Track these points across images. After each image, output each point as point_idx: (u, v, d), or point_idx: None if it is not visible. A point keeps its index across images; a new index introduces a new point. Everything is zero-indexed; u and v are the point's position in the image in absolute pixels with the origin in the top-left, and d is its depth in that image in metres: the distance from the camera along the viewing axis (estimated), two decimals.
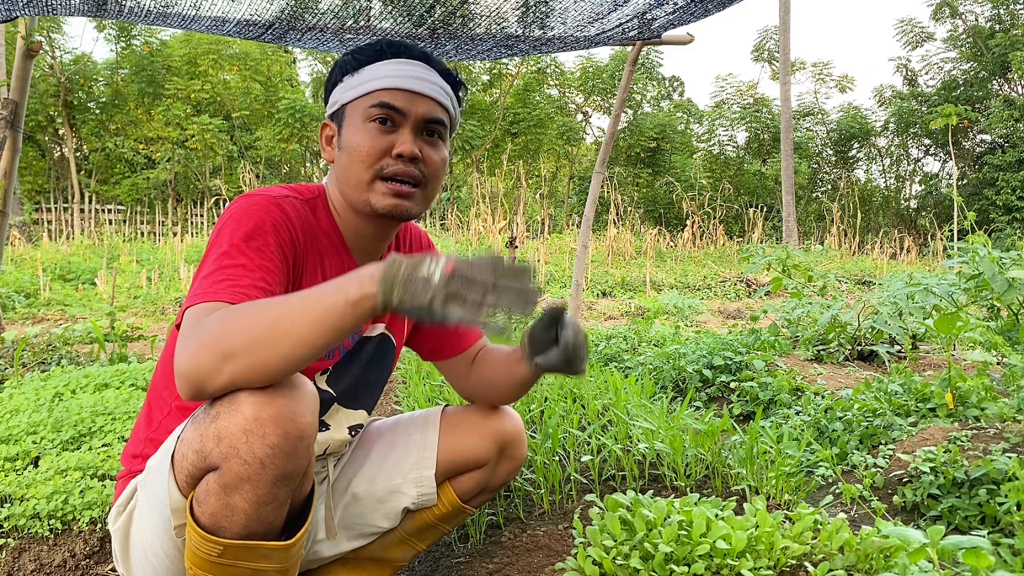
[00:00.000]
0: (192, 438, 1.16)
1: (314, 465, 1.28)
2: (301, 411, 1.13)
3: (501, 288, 1.05)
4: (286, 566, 1.25)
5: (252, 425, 1.10)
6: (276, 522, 1.19)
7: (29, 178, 18.24)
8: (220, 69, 18.16)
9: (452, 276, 1.05)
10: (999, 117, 17.75)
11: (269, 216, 1.31)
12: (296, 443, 1.13)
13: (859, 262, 14.21)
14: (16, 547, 2.02)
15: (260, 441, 1.10)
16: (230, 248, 1.25)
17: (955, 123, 7.58)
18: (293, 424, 1.12)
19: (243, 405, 1.10)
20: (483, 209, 14.86)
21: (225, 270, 1.22)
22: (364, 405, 1.58)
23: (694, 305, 7.44)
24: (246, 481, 1.12)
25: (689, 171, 20.03)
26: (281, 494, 1.16)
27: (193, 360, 1.09)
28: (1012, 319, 3.72)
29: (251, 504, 1.14)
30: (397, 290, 1.05)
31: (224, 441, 1.11)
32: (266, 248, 1.27)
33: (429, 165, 1.39)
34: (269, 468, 1.11)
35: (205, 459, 1.14)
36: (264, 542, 1.19)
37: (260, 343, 1.08)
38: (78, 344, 4.89)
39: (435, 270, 1.05)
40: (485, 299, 1.04)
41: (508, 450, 1.61)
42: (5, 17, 3.55)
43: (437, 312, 1.04)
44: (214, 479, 1.14)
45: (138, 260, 11.34)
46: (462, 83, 1.49)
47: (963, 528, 1.97)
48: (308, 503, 1.29)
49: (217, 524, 1.16)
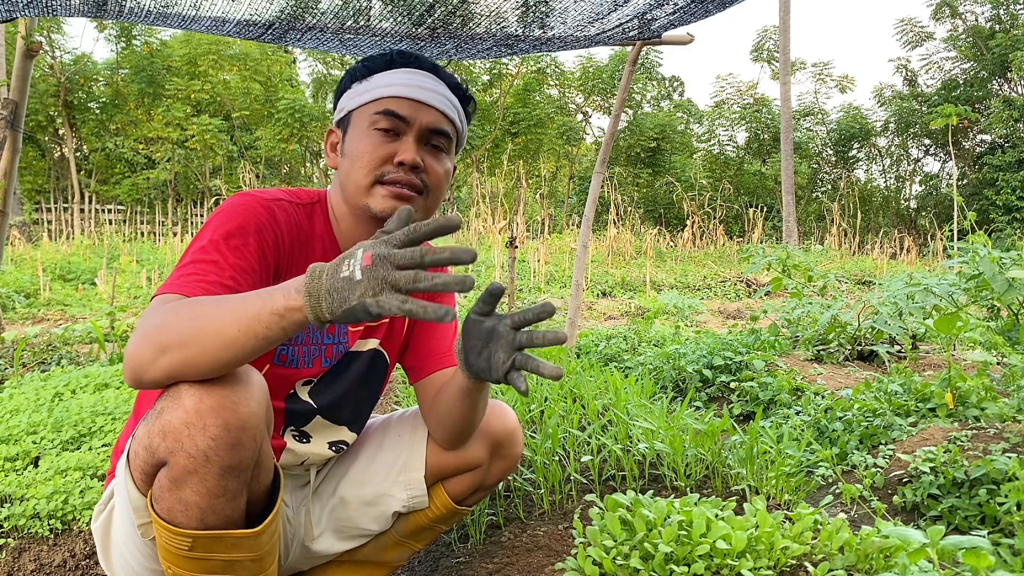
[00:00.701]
0: (142, 435, 1.16)
1: (270, 457, 1.26)
2: (243, 400, 1.12)
3: (430, 261, 0.97)
4: (259, 554, 1.24)
5: (192, 417, 1.10)
6: (233, 514, 1.18)
7: (29, 178, 18.24)
8: (220, 69, 18.15)
9: (372, 265, 0.98)
10: (999, 117, 17.75)
11: (255, 217, 1.30)
12: (239, 433, 1.11)
13: (859, 262, 14.21)
14: (16, 547, 2.02)
15: (201, 433, 1.10)
16: (208, 244, 1.25)
17: (955, 123, 7.58)
18: (234, 414, 1.11)
19: (184, 398, 1.11)
20: (483, 209, 14.87)
21: (198, 264, 1.23)
22: (350, 422, 1.55)
23: (694, 305, 7.44)
24: (193, 474, 1.11)
25: (689, 171, 20.03)
26: (232, 485, 1.14)
27: (134, 348, 1.11)
28: (1012, 319, 3.72)
29: (202, 497, 1.13)
30: (324, 301, 1.01)
31: (169, 436, 1.11)
32: (245, 248, 1.27)
33: (431, 175, 1.39)
34: (214, 460, 1.11)
35: (154, 455, 1.14)
36: (231, 531, 1.18)
37: (191, 340, 1.08)
38: (78, 344, 4.89)
39: (354, 266, 1.00)
40: (417, 279, 0.97)
41: (501, 450, 1.58)
42: (5, 17, 3.54)
43: (372, 308, 0.98)
44: (164, 474, 1.14)
45: (138, 260, 11.34)
46: (472, 98, 1.48)
47: (963, 528, 1.97)
48: (273, 493, 1.28)
49: (175, 519, 1.16)
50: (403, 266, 0.98)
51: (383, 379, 1.59)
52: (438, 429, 1.53)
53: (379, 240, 1.01)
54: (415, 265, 0.98)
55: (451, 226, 1.01)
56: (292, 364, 1.44)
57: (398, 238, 1.00)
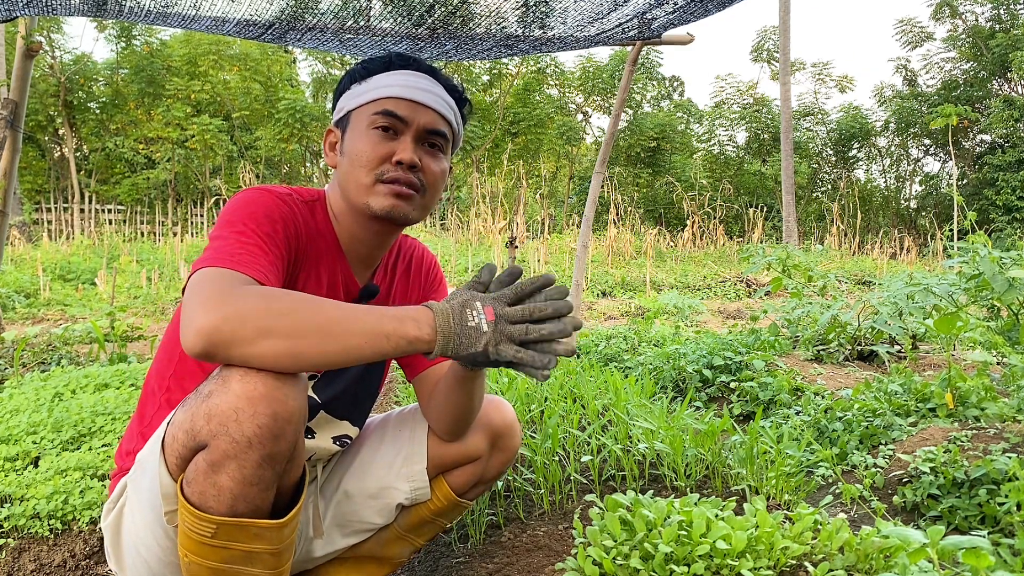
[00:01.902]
0: (183, 419, 1.17)
1: (303, 451, 1.28)
2: (292, 394, 1.15)
3: (539, 317, 1.18)
4: (279, 547, 1.25)
5: (243, 404, 1.11)
6: (263, 504, 1.19)
7: (29, 178, 18.24)
8: (220, 69, 18.16)
9: (495, 321, 1.17)
10: (999, 117, 17.75)
11: (278, 210, 1.34)
12: (284, 425, 1.14)
13: (859, 262, 14.22)
14: (16, 547, 2.02)
15: (250, 420, 1.11)
16: (245, 228, 1.27)
17: (955, 123, 7.59)
18: (283, 406, 1.13)
19: (234, 384, 1.12)
20: (483, 209, 14.88)
21: (244, 245, 1.24)
22: (352, 417, 1.58)
23: (694, 305, 7.44)
24: (232, 459, 1.13)
25: (689, 171, 20.03)
26: (267, 475, 1.16)
27: (219, 319, 1.10)
28: (1012, 319, 3.72)
29: (237, 483, 1.15)
30: (453, 342, 1.17)
31: (214, 419, 1.13)
32: (275, 236, 1.31)
33: (428, 174, 1.42)
34: (256, 447, 1.13)
35: (195, 438, 1.15)
36: (256, 520, 1.19)
37: (308, 334, 1.12)
38: (78, 344, 4.89)
39: (479, 319, 1.18)
40: (528, 333, 1.16)
41: (500, 441, 1.61)
42: (5, 17, 3.55)
43: (491, 356, 1.17)
44: (202, 457, 1.15)
45: (138, 260, 11.34)
46: (467, 100, 1.52)
47: (963, 528, 1.97)
48: (299, 488, 1.30)
49: (205, 503, 1.17)
50: (515, 321, 1.18)
51: (382, 374, 1.62)
52: (438, 421, 1.56)
53: (494, 296, 1.20)
54: (525, 320, 1.18)
55: (548, 283, 1.22)
56: None
57: (508, 296, 1.20)
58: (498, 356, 1.17)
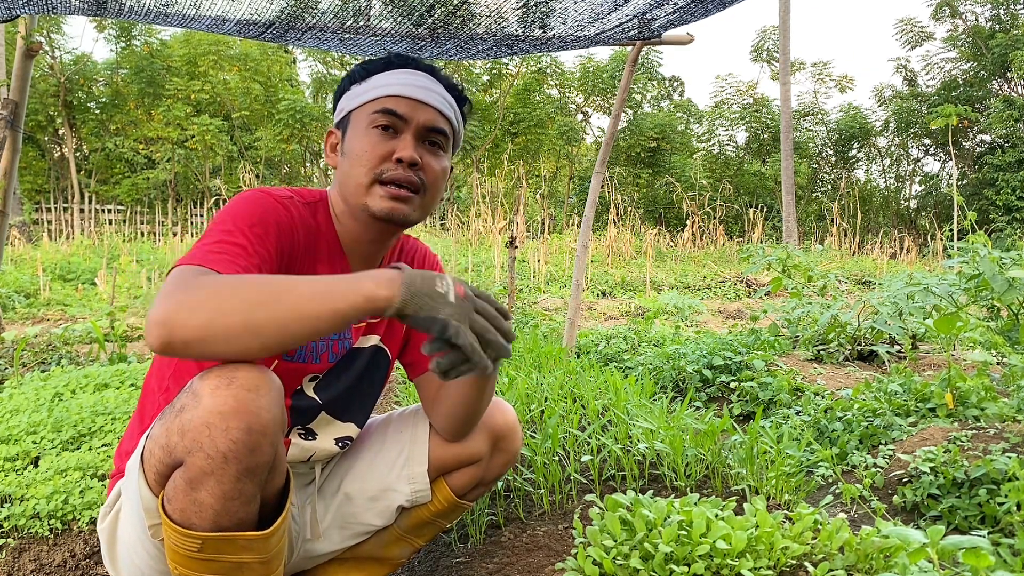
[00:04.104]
0: (159, 434, 1.15)
1: (284, 460, 1.27)
2: (266, 405, 1.12)
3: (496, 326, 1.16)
4: (267, 556, 1.24)
5: (215, 419, 1.09)
6: (247, 517, 1.18)
7: (29, 178, 18.24)
8: (220, 69, 18.15)
9: (464, 298, 1.14)
10: (999, 117, 17.75)
11: (273, 212, 1.33)
12: (259, 438, 1.11)
13: (859, 262, 14.21)
14: (16, 547, 2.02)
15: (223, 435, 1.09)
16: (233, 228, 1.26)
17: (955, 123, 7.59)
18: (257, 418, 1.11)
19: (205, 399, 1.10)
20: (483, 209, 14.86)
21: (225, 244, 1.23)
22: (354, 418, 1.57)
23: (694, 305, 7.44)
24: (210, 476, 1.11)
25: (689, 171, 20.02)
26: (247, 489, 1.14)
27: (171, 307, 1.08)
28: (1012, 319, 3.72)
29: (217, 499, 1.13)
30: (415, 300, 1.12)
31: (188, 435, 1.10)
32: (266, 238, 1.29)
33: (428, 173, 1.41)
34: (232, 462, 1.10)
35: (171, 454, 1.13)
36: (241, 533, 1.18)
37: (259, 305, 1.08)
38: (78, 344, 4.89)
39: (448, 289, 1.14)
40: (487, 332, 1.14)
41: (501, 443, 1.60)
42: (5, 17, 3.54)
43: (450, 330, 1.11)
44: (180, 475, 1.13)
45: (138, 260, 11.34)
46: (467, 99, 1.51)
47: (963, 528, 1.97)
48: (284, 495, 1.29)
49: (187, 521, 1.15)
50: (482, 314, 1.16)
51: (385, 375, 1.61)
52: (443, 421, 1.55)
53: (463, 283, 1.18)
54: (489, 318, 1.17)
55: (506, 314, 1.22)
56: (301, 359, 1.45)
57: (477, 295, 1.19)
58: (456, 334, 1.11)
